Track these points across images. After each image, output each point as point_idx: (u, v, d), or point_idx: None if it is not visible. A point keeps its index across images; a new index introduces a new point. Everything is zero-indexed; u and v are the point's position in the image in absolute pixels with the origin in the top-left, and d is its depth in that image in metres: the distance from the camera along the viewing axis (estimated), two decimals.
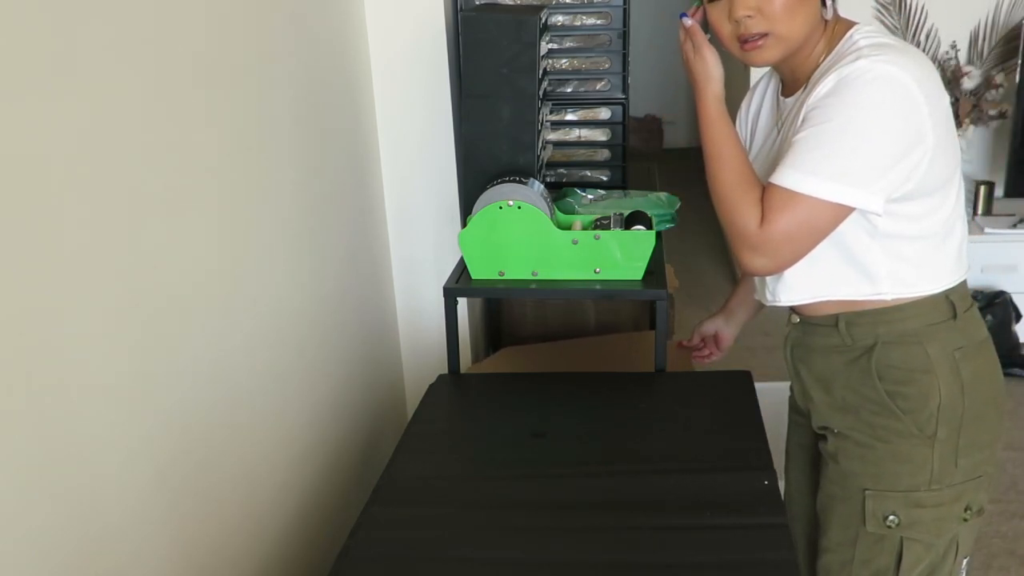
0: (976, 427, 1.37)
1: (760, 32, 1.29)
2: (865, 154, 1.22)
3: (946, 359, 1.35)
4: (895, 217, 1.30)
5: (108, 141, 1.10)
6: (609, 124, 2.45)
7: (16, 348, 0.93)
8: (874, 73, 1.22)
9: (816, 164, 1.22)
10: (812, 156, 1.23)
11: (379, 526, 1.37)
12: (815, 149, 1.23)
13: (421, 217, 2.34)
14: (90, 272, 1.06)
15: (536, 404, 1.77)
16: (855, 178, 1.22)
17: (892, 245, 1.32)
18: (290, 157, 1.70)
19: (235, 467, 1.45)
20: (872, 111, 1.22)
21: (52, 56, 0.99)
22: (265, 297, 1.58)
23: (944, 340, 1.35)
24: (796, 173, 1.23)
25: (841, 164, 1.22)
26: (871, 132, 1.22)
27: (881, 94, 1.22)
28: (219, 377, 1.40)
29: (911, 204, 1.30)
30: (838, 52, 1.30)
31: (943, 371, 1.34)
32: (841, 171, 1.22)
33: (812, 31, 1.31)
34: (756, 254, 1.28)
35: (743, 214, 1.28)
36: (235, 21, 1.46)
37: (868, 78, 1.22)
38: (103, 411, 1.09)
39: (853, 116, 1.22)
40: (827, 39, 1.33)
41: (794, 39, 1.30)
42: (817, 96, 1.25)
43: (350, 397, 2.04)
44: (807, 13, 1.29)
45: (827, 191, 1.22)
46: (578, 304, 2.39)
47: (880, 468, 1.39)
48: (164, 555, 1.23)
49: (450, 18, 2.22)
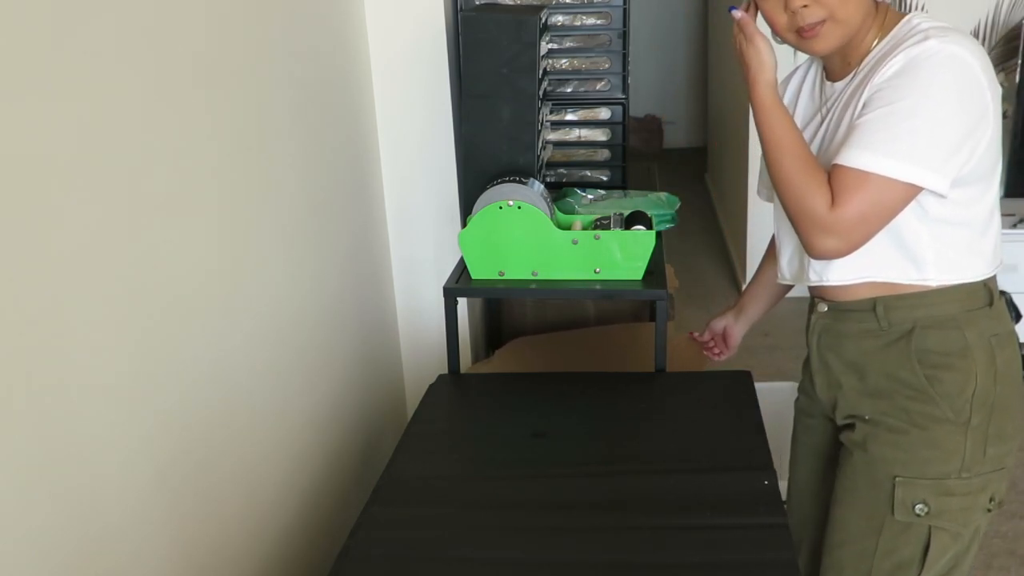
0: (1004, 416, 1.37)
1: (818, 20, 1.28)
2: (936, 134, 1.23)
3: (983, 345, 1.34)
4: (946, 202, 1.30)
5: (108, 142, 1.10)
6: (609, 124, 2.45)
7: (16, 348, 0.93)
8: (944, 54, 1.22)
9: (888, 144, 1.22)
10: (882, 136, 1.23)
11: (379, 526, 1.37)
12: (885, 130, 1.23)
13: (421, 217, 2.34)
14: (90, 272, 1.06)
15: (536, 404, 1.77)
16: (926, 158, 1.22)
17: (940, 231, 1.32)
18: (290, 157, 1.70)
19: (235, 467, 1.45)
20: (943, 91, 1.22)
21: (52, 57, 0.99)
22: (265, 297, 1.58)
23: (982, 326, 1.35)
24: (867, 153, 1.23)
25: (912, 144, 1.22)
26: (942, 112, 1.22)
27: (952, 74, 1.22)
28: (219, 377, 1.40)
29: (962, 189, 1.29)
30: (895, 36, 1.30)
31: (980, 356, 1.34)
32: (912, 151, 1.22)
33: (866, 16, 1.31)
34: (829, 236, 1.27)
35: (813, 197, 1.27)
36: (235, 21, 1.46)
37: (939, 59, 1.22)
38: (103, 411, 1.09)
39: (924, 96, 1.22)
40: (879, 25, 1.33)
41: (852, 24, 1.30)
42: (883, 77, 1.25)
43: (350, 397, 2.04)
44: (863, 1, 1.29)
45: (899, 171, 1.22)
46: (578, 304, 2.39)
47: (912, 454, 1.38)
48: (164, 555, 1.23)
49: (450, 18, 2.22)
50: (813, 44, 1.31)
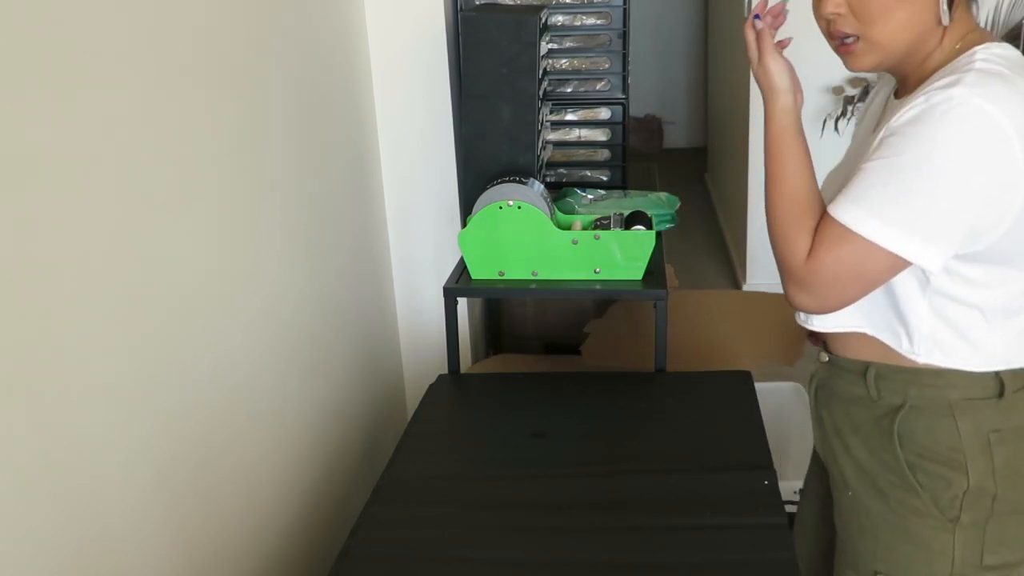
0: (1011, 522, 1.18)
1: (850, 33, 1.13)
2: (936, 202, 1.05)
3: (978, 440, 1.16)
4: (953, 277, 1.13)
5: (107, 142, 1.10)
6: (609, 124, 2.45)
7: (16, 349, 0.93)
8: (965, 108, 1.03)
9: (880, 204, 1.06)
10: (877, 193, 1.07)
11: (379, 526, 1.37)
12: (881, 185, 1.07)
13: (421, 217, 2.34)
14: (90, 273, 1.06)
15: (536, 404, 1.77)
16: (920, 228, 1.05)
17: (943, 306, 1.15)
18: (290, 157, 1.70)
19: (235, 467, 1.45)
20: (953, 151, 1.04)
21: (52, 57, 0.99)
22: (265, 297, 1.58)
23: (981, 418, 1.16)
24: (855, 209, 1.08)
25: (907, 209, 1.05)
26: (947, 177, 1.04)
27: (968, 132, 1.03)
28: (219, 377, 1.40)
29: (976, 268, 1.12)
30: (953, 67, 1.10)
31: (973, 452, 1.16)
32: (906, 217, 1.05)
33: (919, 38, 1.11)
34: (800, 290, 1.13)
35: (791, 243, 1.14)
36: (235, 22, 1.46)
37: (957, 112, 1.03)
38: (103, 411, 1.09)
39: (930, 154, 1.04)
40: (950, 46, 1.12)
41: (891, 47, 1.12)
42: (899, 121, 1.07)
43: (350, 397, 2.04)
44: (911, 16, 1.09)
45: (885, 237, 1.06)
46: (578, 304, 2.39)
47: (894, 550, 1.22)
48: (164, 555, 1.23)
49: (450, 18, 2.22)
50: (848, 60, 1.16)
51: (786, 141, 1.19)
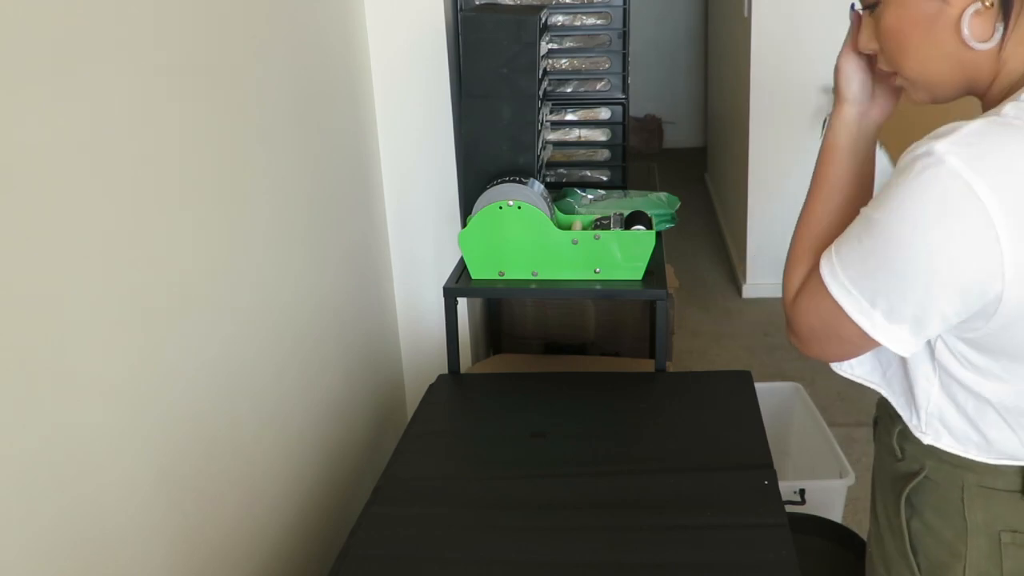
0: None
1: (888, 72, 1.00)
2: (897, 278, 0.88)
3: (987, 537, 1.01)
4: (960, 359, 0.97)
5: (106, 142, 1.10)
6: (609, 124, 2.45)
7: (16, 349, 0.93)
8: (937, 170, 0.83)
9: (849, 263, 0.92)
10: (850, 248, 0.92)
11: (379, 526, 1.37)
12: (856, 240, 0.92)
13: (421, 217, 2.34)
14: (90, 273, 1.06)
15: (536, 404, 1.77)
16: (881, 303, 0.91)
17: (953, 390, 1.00)
18: (290, 157, 1.70)
19: (235, 467, 1.45)
20: (916, 222, 0.85)
21: (52, 55, 0.99)
22: (265, 298, 1.58)
23: (995, 514, 1.00)
24: (833, 262, 0.94)
25: (870, 279, 0.91)
26: (909, 250, 0.87)
27: (934, 203, 0.84)
28: (219, 377, 1.40)
29: (982, 356, 0.95)
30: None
31: (977, 550, 1.01)
32: (868, 287, 0.91)
33: (961, 68, 0.93)
34: (788, 326, 1.03)
35: (789, 272, 1.02)
36: (234, 21, 1.46)
37: (928, 175, 0.84)
38: (103, 412, 1.09)
39: (895, 221, 0.87)
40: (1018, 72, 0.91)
41: (933, 81, 0.95)
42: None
43: (350, 397, 2.04)
44: (931, 48, 0.92)
45: (849, 303, 0.93)
46: (578, 304, 2.39)
47: None
48: (164, 555, 1.23)
49: (450, 18, 2.22)
50: (907, 95, 1.02)
51: (832, 159, 1.04)
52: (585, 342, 2.42)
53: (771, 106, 3.77)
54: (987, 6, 0.88)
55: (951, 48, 0.91)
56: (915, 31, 0.92)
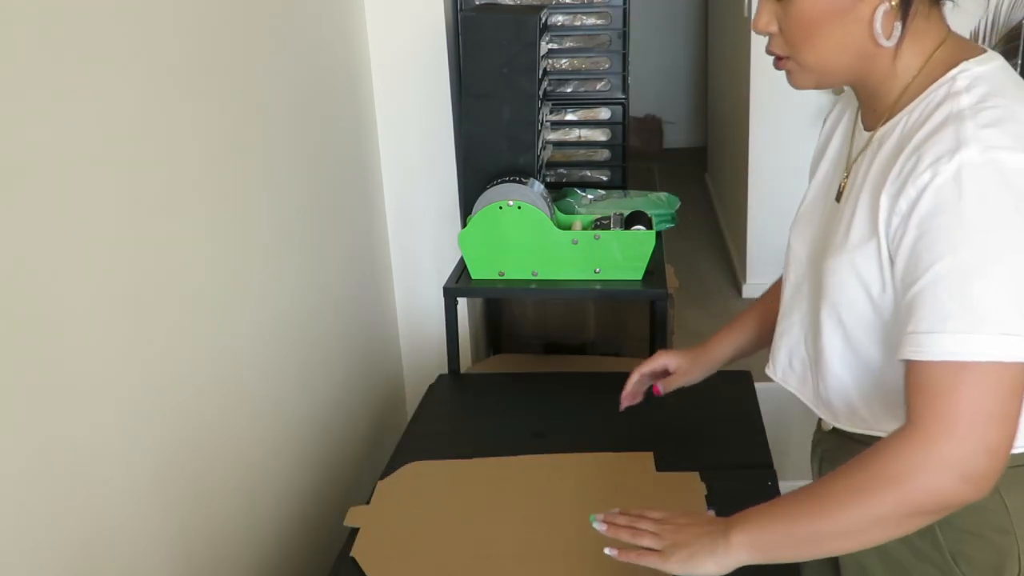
0: None
1: (780, 55, 1.02)
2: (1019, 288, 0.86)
3: None
4: None
5: (106, 143, 1.10)
6: (609, 124, 2.45)
7: (16, 349, 0.93)
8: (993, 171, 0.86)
9: (970, 318, 0.86)
10: (954, 309, 0.87)
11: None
12: (951, 299, 0.87)
13: (421, 217, 2.34)
14: (90, 273, 1.06)
15: (536, 404, 1.77)
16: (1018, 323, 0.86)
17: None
18: (290, 158, 1.70)
19: (235, 467, 1.45)
20: (1010, 231, 0.86)
21: (52, 57, 0.99)
22: (265, 298, 1.58)
23: None
24: (949, 339, 0.87)
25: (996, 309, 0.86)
26: (1018, 258, 0.86)
27: (1012, 201, 0.86)
28: (219, 377, 1.40)
29: None
30: (928, 101, 0.95)
31: None
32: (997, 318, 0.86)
33: (860, 60, 0.98)
34: (963, 479, 0.88)
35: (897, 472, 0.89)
36: (235, 21, 1.46)
37: (991, 185, 0.86)
38: (103, 412, 1.09)
39: (984, 245, 0.86)
40: (913, 65, 0.98)
41: (826, 69, 1.00)
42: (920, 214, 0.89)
43: (350, 397, 2.04)
44: (842, 38, 0.96)
45: (1002, 350, 0.86)
46: (578, 304, 2.39)
47: None
48: (164, 555, 1.23)
49: (450, 18, 2.22)
50: (787, 78, 1.04)
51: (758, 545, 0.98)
52: (585, 342, 2.42)
53: (771, 106, 3.77)
54: (892, 6, 0.94)
55: (857, 41, 0.96)
56: (827, 22, 0.96)
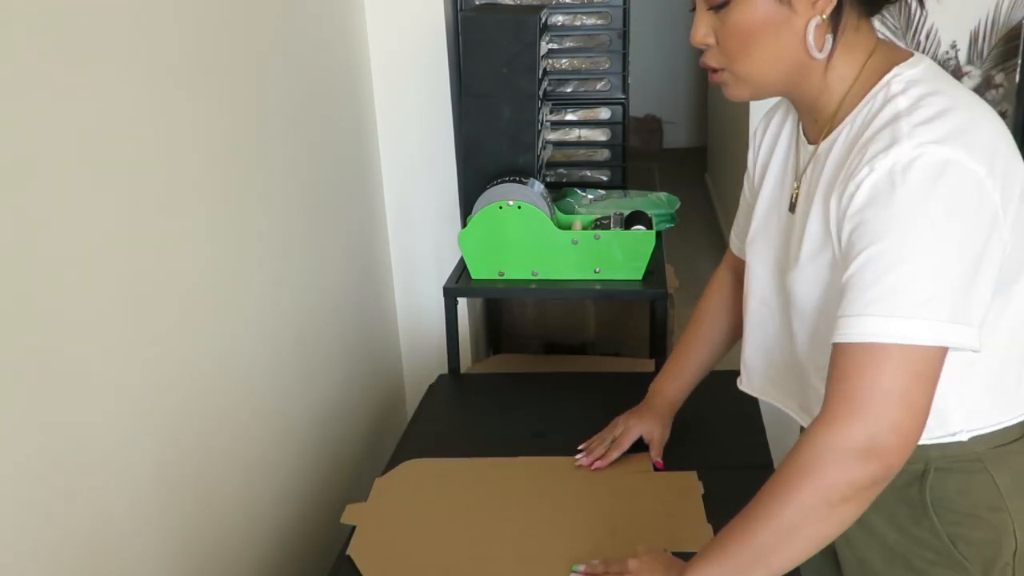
0: None
1: (715, 67, 1.04)
2: (943, 277, 0.90)
3: (1020, 491, 1.04)
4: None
5: (105, 142, 1.10)
6: (609, 124, 2.45)
7: (16, 349, 0.93)
8: (924, 164, 0.90)
9: (890, 302, 0.90)
10: (877, 293, 0.91)
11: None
12: (875, 284, 0.91)
13: (421, 217, 2.34)
14: (90, 273, 1.06)
15: (536, 404, 1.77)
16: (944, 310, 0.90)
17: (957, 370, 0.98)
18: (290, 158, 1.70)
19: (235, 467, 1.45)
20: (935, 221, 0.90)
21: (52, 57, 0.99)
22: (265, 298, 1.58)
23: (1017, 465, 1.04)
24: (870, 321, 0.91)
25: (921, 295, 0.90)
26: (941, 247, 0.90)
27: (940, 193, 0.90)
28: (219, 377, 1.40)
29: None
30: (868, 108, 0.99)
31: (1018, 507, 1.03)
32: (931, 304, 0.90)
33: (795, 71, 1.01)
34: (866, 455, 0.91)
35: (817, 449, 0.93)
36: (234, 21, 1.46)
37: (920, 177, 0.89)
38: (103, 412, 1.09)
39: (909, 233, 0.90)
40: (848, 75, 1.01)
41: (761, 80, 1.02)
42: (855, 203, 0.94)
43: (350, 397, 2.04)
44: (776, 50, 0.99)
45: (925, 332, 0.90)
46: (578, 304, 2.39)
47: None
48: (164, 555, 1.23)
49: (450, 18, 2.22)
50: (722, 89, 1.06)
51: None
52: (585, 342, 2.42)
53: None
54: (824, 19, 0.97)
55: (791, 53, 0.99)
56: (762, 34, 0.98)
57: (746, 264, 1.20)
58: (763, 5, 0.97)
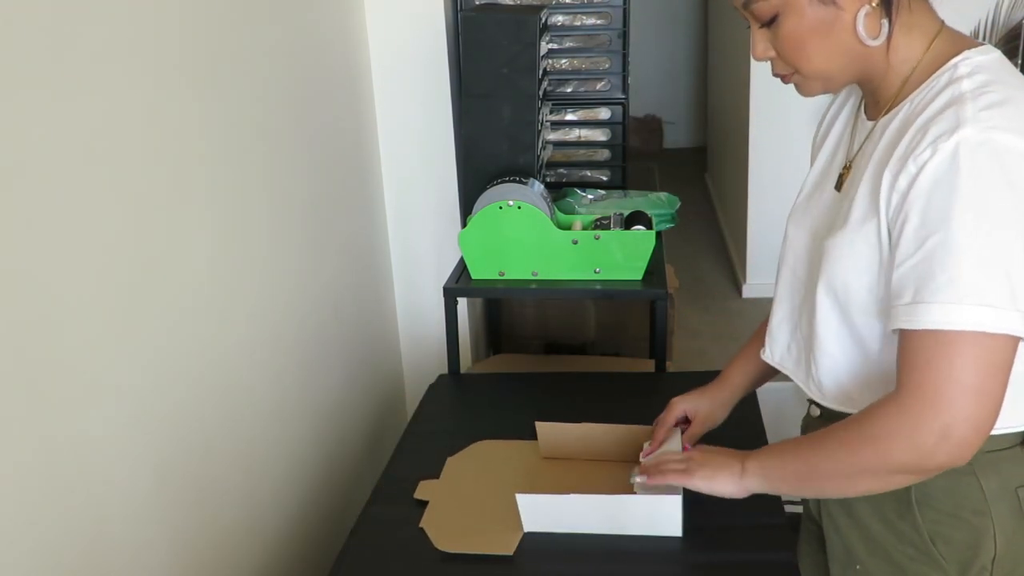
0: None
1: (784, 74, 1.08)
2: (1008, 265, 0.91)
3: (1006, 497, 1.04)
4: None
5: (106, 142, 1.10)
6: (609, 124, 2.45)
7: (17, 350, 0.93)
8: (990, 151, 0.90)
9: (957, 289, 0.90)
10: (943, 281, 0.91)
11: (379, 526, 1.37)
12: (941, 272, 0.91)
13: (421, 217, 2.34)
14: (90, 274, 1.06)
15: (536, 404, 1.76)
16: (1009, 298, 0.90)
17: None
18: (290, 158, 1.70)
19: (235, 467, 1.45)
20: (1001, 208, 0.90)
21: (53, 58, 0.99)
22: (265, 298, 1.58)
23: (1006, 472, 1.05)
24: (937, 308, 0.91)
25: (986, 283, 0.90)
26: (1006, 235, 0.90)
27: (1007, 181, 0.90)
28: (219, 378, 1.40)
29: None
30: (933, 87, 0.99)
31: (1001, 512, 1.04)
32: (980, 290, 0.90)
33: (857, 60, 1.03)
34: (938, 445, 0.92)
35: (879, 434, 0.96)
36: (235, 21, 1.46)
37: (987, 164, 0.90)
38: (102, 412, 1.09)
39: (974, 220, 0.90)
40: (912, 56, 1.02)
41: (829, 74, 1.05)
42: (918, 190, 0.93)
43: (350, 397, 2.04)
44: (832, 45, 1.02)
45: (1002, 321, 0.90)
46: (578, 304, 2.39)
47: None
48: (164, 555, 1.23)
49: (450, 18, 2.22)
50: (797, 90, 1.09)
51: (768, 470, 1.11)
52: (585, 342, 2.42)
53: (771, 106, 3.78)
54: (874, 7, 0.99)
55: (847, 46, 1.01)
56: (814, 36, 1.01)
57: (784, 233, 1.21)
58: (809, 11, 1.00)
